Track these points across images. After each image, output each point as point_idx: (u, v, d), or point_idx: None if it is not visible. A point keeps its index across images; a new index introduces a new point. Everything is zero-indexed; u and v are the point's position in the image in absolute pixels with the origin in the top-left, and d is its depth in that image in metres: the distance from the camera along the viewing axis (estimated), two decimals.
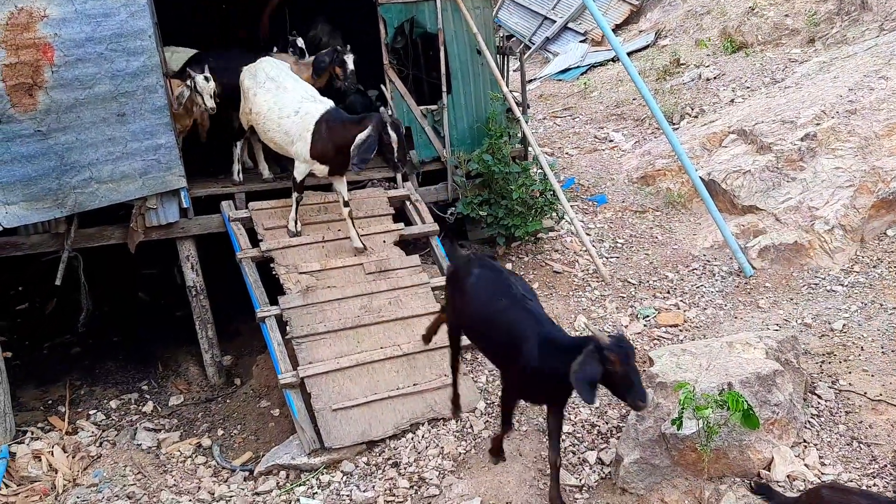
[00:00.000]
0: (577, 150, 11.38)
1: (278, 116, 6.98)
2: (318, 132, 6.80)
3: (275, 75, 7.19)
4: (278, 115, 6.98)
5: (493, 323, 5.23)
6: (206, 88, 7.06)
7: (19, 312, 8.58)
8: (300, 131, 6.86)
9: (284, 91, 7.05)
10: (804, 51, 12.04)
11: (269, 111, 7.03)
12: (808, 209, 8.11)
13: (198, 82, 7.05)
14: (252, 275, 6.92)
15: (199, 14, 10.15)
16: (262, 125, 7.16)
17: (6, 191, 6.26)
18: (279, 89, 7.08)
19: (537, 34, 17.92)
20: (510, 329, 5.07)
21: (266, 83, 7.15)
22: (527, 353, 4.92)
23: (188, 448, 6.52)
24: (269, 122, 7.06)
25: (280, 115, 6.97)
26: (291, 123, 6.91)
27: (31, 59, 6.23)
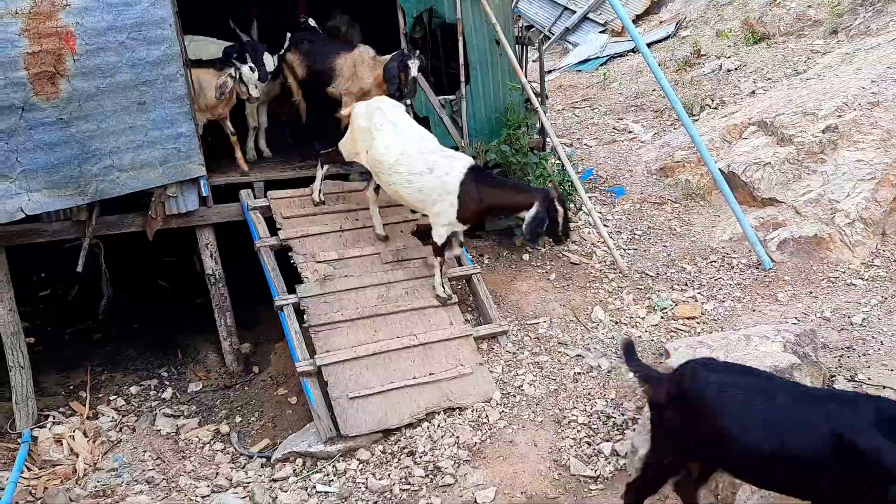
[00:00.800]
0: (595, 142, 11.34)
1: (408, 172, 6.45)
2: (467, 195, 6.39)
3: (393, 118, 6.71)
4: (408, 171, 6.45)
5: None
6: (251, 79, 7.02)
7: (42, 299, 8.69)
8: (440, 193, 6.40)
9: (405, 138, 6.55)
10: (827, 42, 11.90)
11: (395, 163, 6.50)
12: (829, 202, 8.05)
13: (243, 72, 7.06)
14: (270, 263, 6.97)
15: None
16: (385, 177, 6.62)
17: (29, 178, 6.33)
18: (399, 136, 6.57)
19: (557, 24, 17.84)
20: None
21: (384, 127, 6.64)
22: None
23: (207, 434, 6.60)
24: (395, 176, 6.52)
25: (410, 172, 6.44)
26: (426, 183, 6.42)
27: (53, 47, 6.27)
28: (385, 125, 6.64)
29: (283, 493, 5.67)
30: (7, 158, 6.21)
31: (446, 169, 6.42)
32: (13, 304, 6.68)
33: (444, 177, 6.39)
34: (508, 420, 6.06)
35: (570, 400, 6.24)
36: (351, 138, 6.93)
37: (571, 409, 6.11)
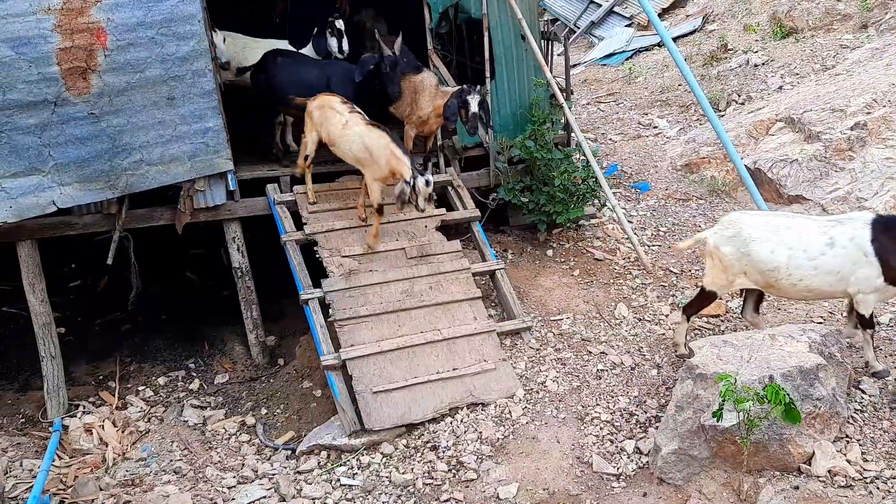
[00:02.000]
0: (620, 137, 11.30)
1: (809, 260, 5.82)
2: (885, 250, 5.68)
3: (769, 223, 6.06)
4: (808, 259, 5.82)
5: None
6: (423, 192, 6.52)
7: (72, 290, 8.84)
8: (853, 259, 5.75)
9: (782, 234, 5.92)
10: (856, 37, 11.76)
11: (790, 260, 5.84)
12: (857, 200, 7.99)
13: (419, 184, 6.51)
14: (296, 257, 7.04)
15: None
16: (786, 281, 5.93)
17: (61, 172, 6.45)
18: (775, 234, 5.94)
19: (582, 18, 17.75)
20: None
21: (758, 236, 5.97)
22: None
23: (233, 426, 6.69)
24: (798, 272, 5.85)
25: (810, 258, 5.82)
26: (832, 259, 5.78)
27: (85, 43, 6.38)
28: (757, 235, 5.98)
29: (307, 485, 5.75)
30: (40, 153, 6.33)
31: (845, 233, 5.79)
32: (45, 295, 6.81)
33: (850, 242, 5.75)
34: (531, 416, 6.09)
35: (592, 397, 6.26)
36: (719, 270, 6.21)
37: (594, 406, 6.13)
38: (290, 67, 7.82)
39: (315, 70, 7.88)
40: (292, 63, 7.90)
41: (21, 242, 6.72)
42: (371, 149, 6.78)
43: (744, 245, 5.99)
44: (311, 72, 7.84)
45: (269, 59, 7.88)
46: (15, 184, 6.28)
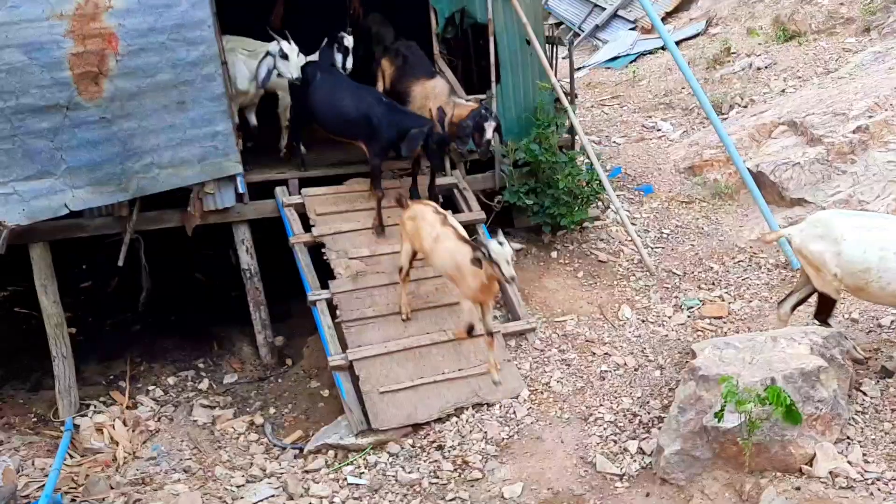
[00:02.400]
0: (624, 139, 11.38)
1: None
2: None
3: (862, 223, 5.88)
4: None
5: None
6: (501, 255, 5.88)
7: (83, 291, 8.93)
8: None
9: (884, 231, 5.71)
10: (859, 40, 11.82)
11: (881, 262, 5.64)
12: (859, 203, 8.05)
13: (492, 248, 5.88)
14: (304, 259, 7.14)
15: None
16: (875, 283, 5.72)
17: (73, 175, 6.54)
18: (872, 233, 5.73)
19: (587, 22, 17.81)
20: None
21: (847, 235, 5.77)
22: None
23: (241, 425, 6.79)
24: (888, 274, 5.65)
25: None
26: None
27: (96, 48, 6.47)
28: (848, 234, 5.77)
29: (315, 484, 5.84)
30: (52, 156, 6.42)
31: None
32: (57, 296, 6.90)
33: None
34: (536, 416, 6.18)
35: (596, 397, 6.34)
36: (812, 270, 6.03)
37: (598, 407, 6.22)
38: (327, 89, 7.54)
39: (353, 101, 7.40)
40: (330, 84, 7.59)
41: (33, 244, 6.81)
42: (461, 266, 6.18)
43: (834, 244, 5.80)
44: (348, 100, 7.42)
45: (306, 75, 7.58)
46: (28, 187, 6.37)
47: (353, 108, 7.36)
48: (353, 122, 7.35)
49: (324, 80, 7.61)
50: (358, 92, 7.50)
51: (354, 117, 7.33)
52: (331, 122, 7.58)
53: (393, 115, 7.26)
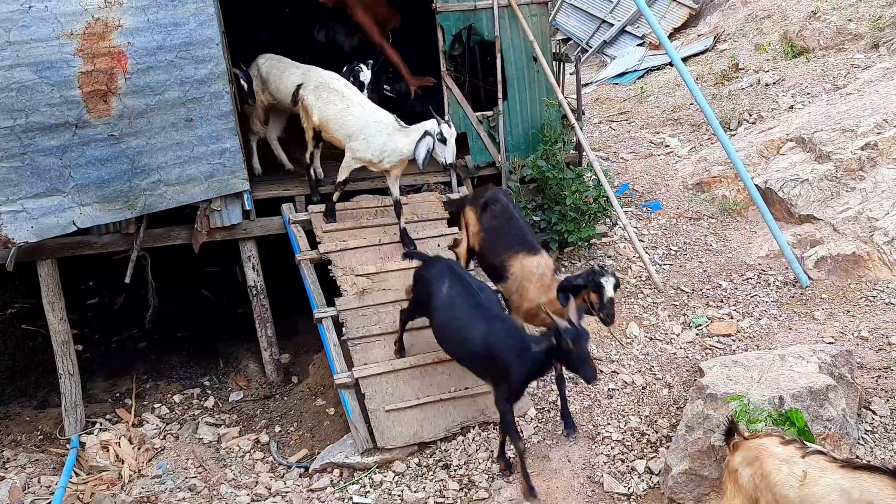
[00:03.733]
0: (632, 155, 11.36)
1: None
2: None
3: None
4: None
5: None
6: None
7: (90, 307, 8.96)
8: None
9: None
10: (867, 56, 11.80)
11: None
12: (868, 220, 8.00)
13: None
14: (310, 276, 7.13)
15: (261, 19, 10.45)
16: None
17: (81, 192, 6.57)
18: None
19: (594, 37, 17.85)
20: None
21: None
22: None
23: (247, 443, 6.77)
24: None
25: None
26: None
27: (105, 66, 6.51)
28: None
29: (320, 503, 5.81)
30: (61, 174, 6.46)
31: None
32: (64, 313, 6.93)
33: None
34: (542, 435, 6.13)
35: (604, 416, 6.29)
36: None
37: (605, 426, 6.17)
38: (449, 307, 5.85)
39: (475, 325, 5.69)
40: (453, 301, 5.86)
41: (41, 261, 6.85)
42: None
43: None
44: (470, 326, 5.71)
45: (429, 282, 6.05)
46: (36, 204, 6.40)
47: (476, 339, 5.67)
48: (478, 357, 5.73)
49: (450, 294, 5.87)
50: (482, 314, 5.74)
51: (479, 352, 5.69)
52: (453, 352, 6.04)
53: (520, 342, 5.57)
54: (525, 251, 6.25)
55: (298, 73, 7.72)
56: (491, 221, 6.48)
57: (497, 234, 6.42)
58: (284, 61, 7.98)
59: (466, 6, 7.99)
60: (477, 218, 6.60)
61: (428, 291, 6.01)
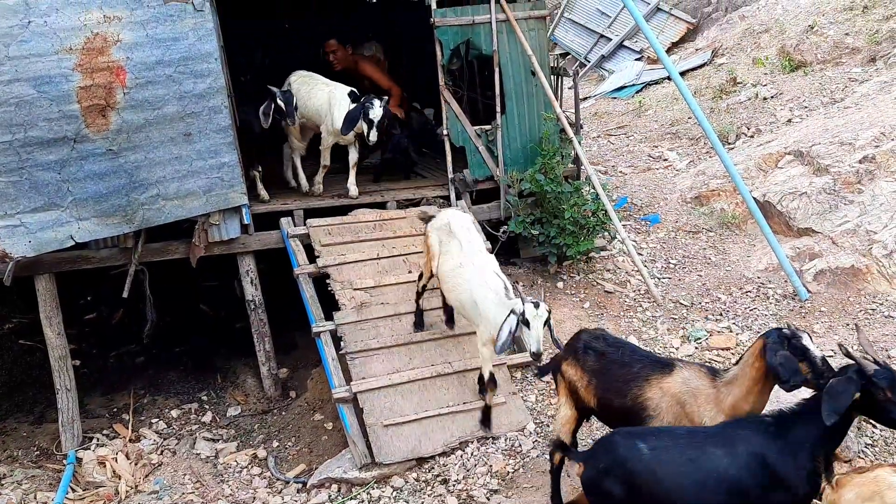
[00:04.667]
0: (630, 169, 11.38)
1: None
2: None
3: None
4: None
5: None
6: None
7: (88, 322, 8.94)
8: None
9: None
10: (865, 70, 11.84)
11: None
12: (866, 233, 8.00)
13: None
14: (309, 290, 7.12)
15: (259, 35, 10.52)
16: None
17: (79, 207, 6.57)
18: None
19: (593, 52, 17.94)
20: None
21: None
22: None
23: (244, 459, 6.73)
24: None
25: None
26: None
27: (104, 81, 6.54)
28: None
29: None
30: (59, 188, 6.46)
31: None
32: (61, 328, 6.91)
33: None
34: (541, 450, 6.09)
35: (603, 430, 6.25)
36: None
37: None
38: (669, 464, 4.22)
39: (701, 470, 4.18)
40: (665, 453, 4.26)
41: (39, 276, 6.84)
42: None
43: None
44: (693, 468, 4.19)
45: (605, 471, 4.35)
46: (34, 219, 6.40)
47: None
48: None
49: (656, 454, 4.24)
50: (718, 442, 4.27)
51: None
52: None
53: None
54: (658, 373, 4.86)
55: (326, 91, 7.88)
56: (598, 361, 5.12)
57: (612, 370, 5.04)
58: (315, 78, 8.14)
59: (464, 21, 8.02)
60: (580, 368, 5.18)
61: (625, 478, 4.23)
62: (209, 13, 6.86)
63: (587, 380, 5.12)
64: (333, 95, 7.85)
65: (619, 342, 5.30)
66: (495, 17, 8.04)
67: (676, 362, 4.94)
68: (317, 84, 8.05)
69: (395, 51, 10.25)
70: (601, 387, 5.05)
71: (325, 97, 7.89)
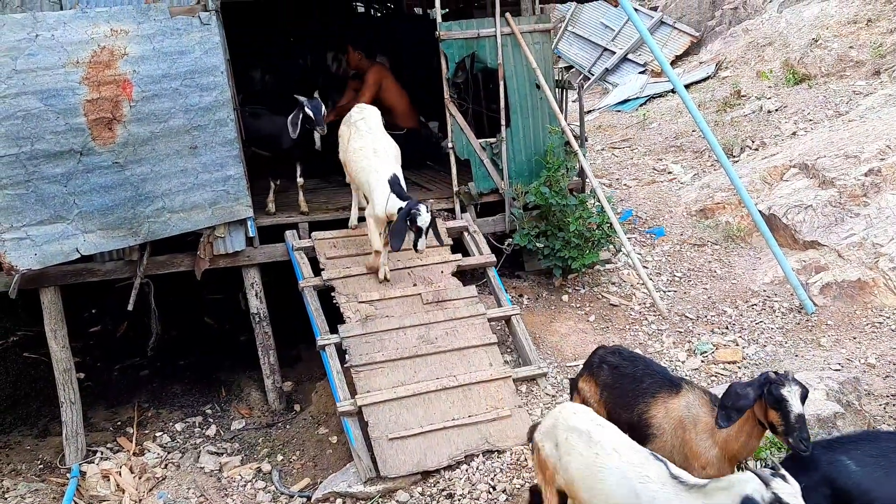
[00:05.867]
0: (635, 182, 11.38)
1: None
2: None
3: None
4: None
5: None
6: None
7: (92, 334, 8.94)
8: None
9: None
10: (869, 83, 11.85)
11: None
12: (872, 245, 7.98)
13: None
14: (314, 303, 7.11)
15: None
16: None
17: (85, 219, 6.57)
18: None
19: (597, 65, 18.00)
20: None
21: None
22: None
23: (249, 472, 6.70)
24: None
25: None
26: None
27: (111, 94, 6.55)
28: None
29: None
30: (65, 201, 6.46)
31: None
32: (66, 341, 6.90)
33: None
34: None
35: None
36: None
37: None
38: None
39: None
40: None
41: (44, 289, 6.84)
42: None
43: None
44: None
45: None
46: (40, 231, 6.40)
47: None
48: None
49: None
50: None
51: None
52: None
53: None
54: (665, 392, 4.79)
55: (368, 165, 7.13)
56: (611, 375, 5.08)
57: (623, 384, 5.01)
58: (365, 134, 7.36)
59: (470, 34, 8.05)
60: (594, 382, 5.17)
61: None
62: (215, 27, 6.90)
63: (599, 393, 5.08)
64: (374, 177, 7.02)
65: (635, 357, 5.20)
66: (500, 30, 8.06)
67: (684, 384, 4.82)
68: (365, 144, 7.24)
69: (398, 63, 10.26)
70: (612, 401, 4.99)
71: (367, 171, 7.10)
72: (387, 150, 7.24)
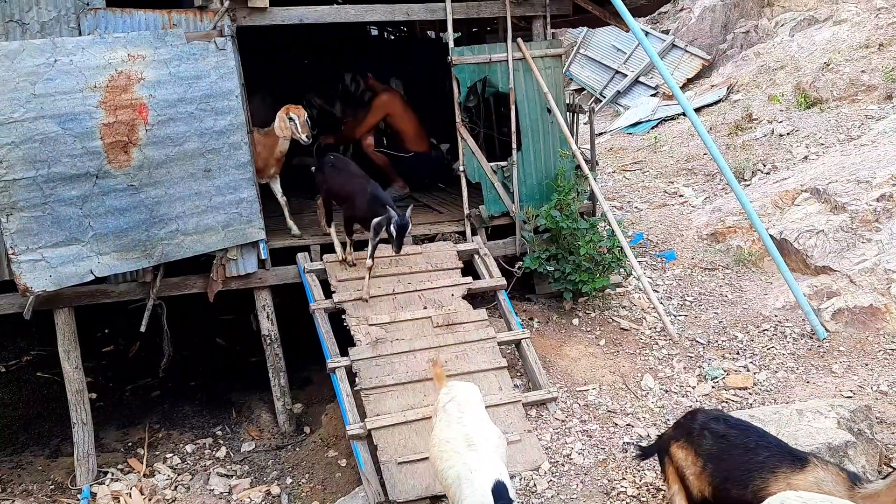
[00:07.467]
0: (646, 205, 11.39)
1: None
2: None
3: None
4: None
5: None
6: None
7: (105, 355, 8.99)
8: None
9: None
10: (881, 107, 11.85)
11: None
12: (885, 271, 7.95)
13: None
14: (324, 325, 7.14)
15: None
16: None
17: (99, 241, 6.64)
18: None
19: (608, 88, 18.07)
20: None
21: None
22: None
23: (258, 495, 6.70)
24: None
25: None
26: None
27: (127, 118, 6.63)
28: None
29: None
30: (80, 223, 6.53)
31: None
32: (79, 362, 6.95)
33: None
34: (556, 489, 6.04)
35: (618, 470, 6.20)
36: None
37: (620, 480, 6.08)
38: None
39: None
40: None
41: (58, 310, 6.90)
42: None
43: None
44: None
45: None
46: (56, 253, 6.46)
47: None
48: None
49: None
50: None
51: None
52: None
53: None
54: (787, 466, 4.31)
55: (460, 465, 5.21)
56: (717, 444, 4.64)
57: (733, 455, 4.56)
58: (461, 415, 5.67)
59: (482, 59, 8.11)
60: (693, 451, 4.73)
61: None
62: (231, 52, 6.99)
63: (701, 465, 4.65)
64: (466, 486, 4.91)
65: (743, 424, 4.80)
66: (512, 55, 8.13)
67: (812, 458, 4.36)
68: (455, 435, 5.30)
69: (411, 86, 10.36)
70: (719, 475, 4.55)
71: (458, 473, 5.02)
72: (487, 440, 5.22)
